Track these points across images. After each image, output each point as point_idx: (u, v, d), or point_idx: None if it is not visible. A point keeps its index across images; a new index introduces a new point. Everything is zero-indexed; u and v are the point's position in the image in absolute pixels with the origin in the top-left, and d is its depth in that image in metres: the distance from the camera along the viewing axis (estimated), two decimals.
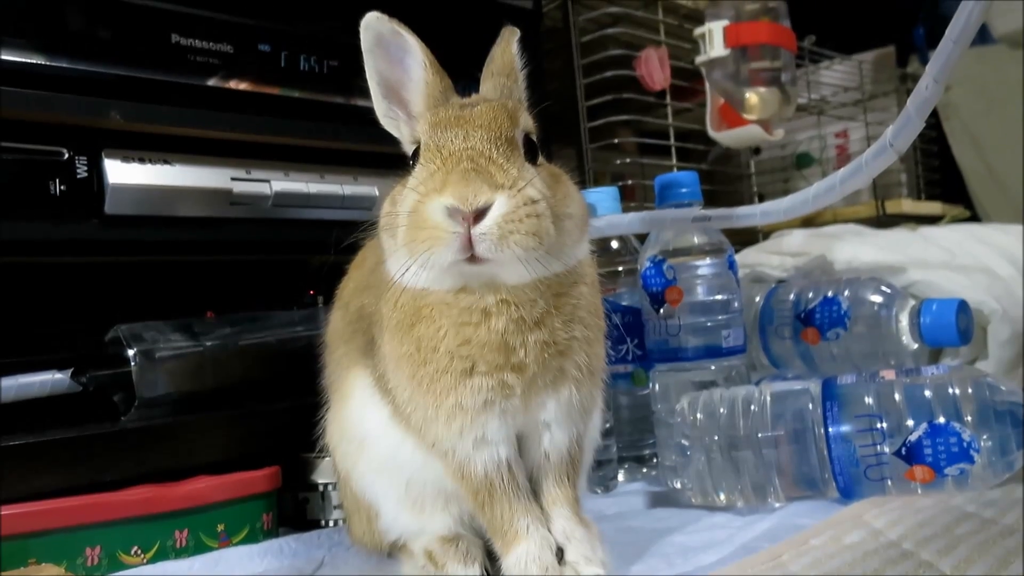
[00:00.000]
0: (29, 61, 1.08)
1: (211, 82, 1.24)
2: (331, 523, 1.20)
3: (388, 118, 0.91)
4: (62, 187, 1.09)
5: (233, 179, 1.23)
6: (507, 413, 0.84)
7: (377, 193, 1.37)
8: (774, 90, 1.89)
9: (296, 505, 1.23)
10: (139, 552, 1.03)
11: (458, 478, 0.87)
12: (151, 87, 1.18)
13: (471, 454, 0.85)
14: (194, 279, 1.37)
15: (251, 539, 1.11)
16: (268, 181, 1.27)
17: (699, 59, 1.92)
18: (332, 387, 1.02)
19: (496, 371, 0.82)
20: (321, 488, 1.21)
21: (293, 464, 1.21)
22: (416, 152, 0.82)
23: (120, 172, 1.13)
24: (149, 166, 1.16)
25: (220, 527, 1.10)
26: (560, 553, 0.85)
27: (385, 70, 0.89)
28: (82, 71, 1.12)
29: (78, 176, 1.10)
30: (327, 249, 1.03)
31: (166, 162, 1.18)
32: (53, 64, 1.10)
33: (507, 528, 0.85)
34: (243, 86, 1.28)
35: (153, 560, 1.04)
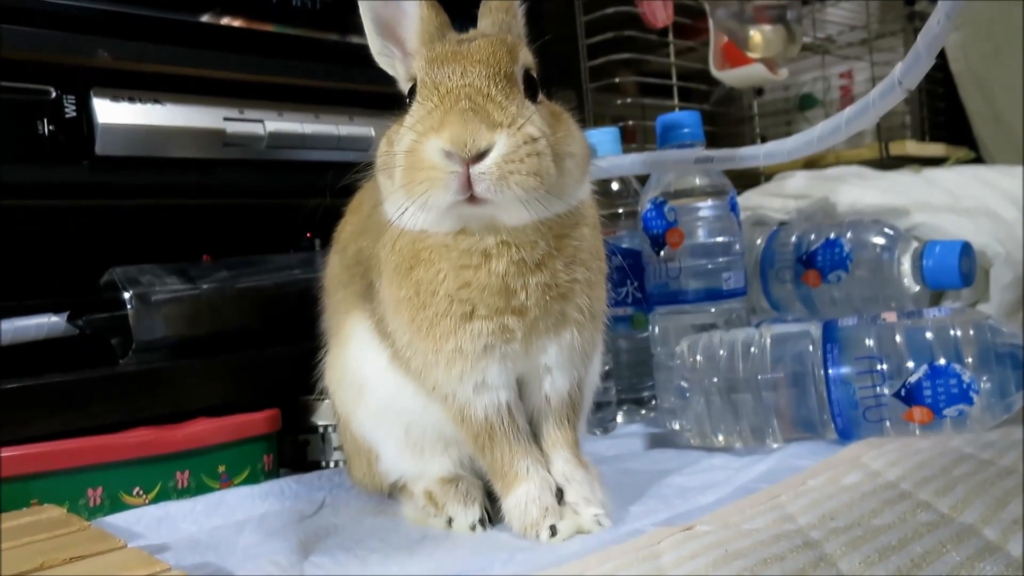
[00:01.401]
0: None
1: (202, 19, 1.21)
2: (331, 464, 1.21)
3: (383, 56, 0.88)
4: (50, 127, 1.07)
5: (226, 119, 1.21)
6: (507, 357, 0.84)
7: (373, 133, 1.35)
8: (779, 28, 1.84)
9: (297, 447, 1.24)
10: (141, 493, 1.04)
11: (458, 422, 0.87)
12: (140, 24, 1.15)
13: (471, 398, 0.85)
14: (189, 222, 1.35)
15: (252, 480, 1.12)
16: (262, 121, 1.24)
17: None
18: (331, 331, 1.02)
19: (496, 315, 0.82)
20: (321, 430, 1.21)
21: (293, 407, 1.22)
22: (413, 90, 0.80)
23: (110, 111, 1.11)
24: (139, 105, 1.13)
25: (221, 468, 1.10)
26: (560, 494, 0.86)
27: (379, 6, 0.86)
28: (68, 6, 1.09)
29: (66, 116, 1.08)
30: (323, 191, 1.01)
31: (157, 101, 1.15)
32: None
33: (507, 470, 0.86)
34: (235, 23, 1.25)
35: (155, 501, 1.04)
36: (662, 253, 1.24)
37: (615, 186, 1.38)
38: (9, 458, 0.96)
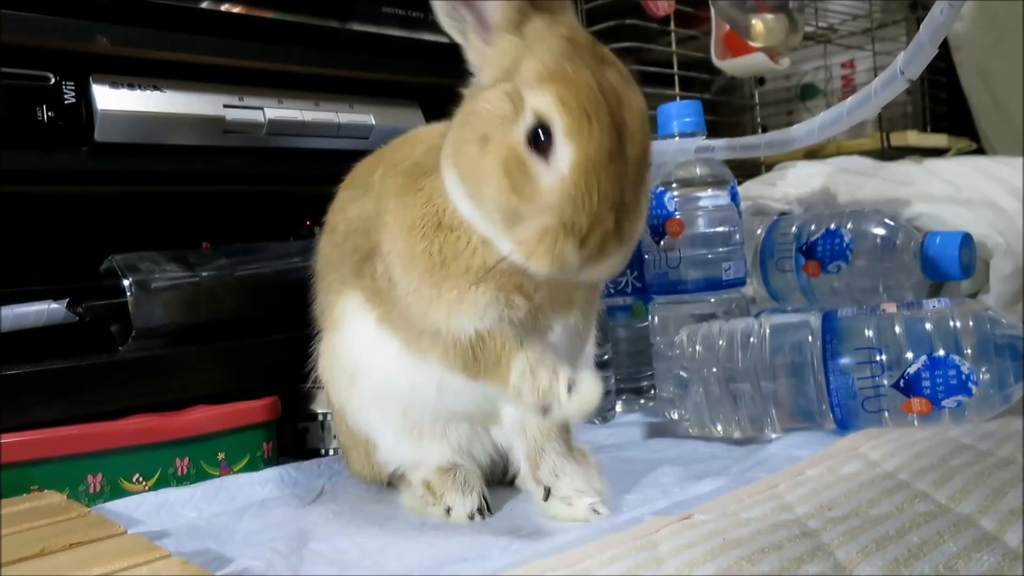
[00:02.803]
0: None
1: (202, 5, 1.20)
2: (331, 452, 1.21)
3: (451, 19, 0.81)
4: (49, 114, 1.06)
5: (226, 106, 1.21)
6: (505, 320, 0.83)
7: (373, 121, 1.34)
8: (781, 17, 1.83)
9: (296, 435, 1.24)
10: (141, 479, 1.04)
11: (448, 356, 0.84)
12: (140, 9, 1.14)
13: (463, 327, 0.82)
14: (189, 209, 1.35)
15: (252, 467, 1.13)
16: (262, 109, 1.24)
17: None
18: (322, 315, 1.01)
19: (505, 293, 0.81)
20: (320, 417, 1.22)
21: (292, 395, 1.22)
22: (545, 133, 0.73)
23: (109, 98, 1.10)
24: (139, 92, 1.13)
25: (221, 455, 1.11)
26: (547, 492, 0.86)
27: None
28: None
29: (65, 102, 1.07)
30: (323, 179, 1.01)
31: (156, 88, 1.14)
32: None
33: (501, 352, 0.82)
34: (235, 9, 1.24)
35: (155, 487, 1.05)
36: (662, 242, 1.24)
37: None
38: (9, 444, 0.96)
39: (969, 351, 0.97)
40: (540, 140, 0.73)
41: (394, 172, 0.88)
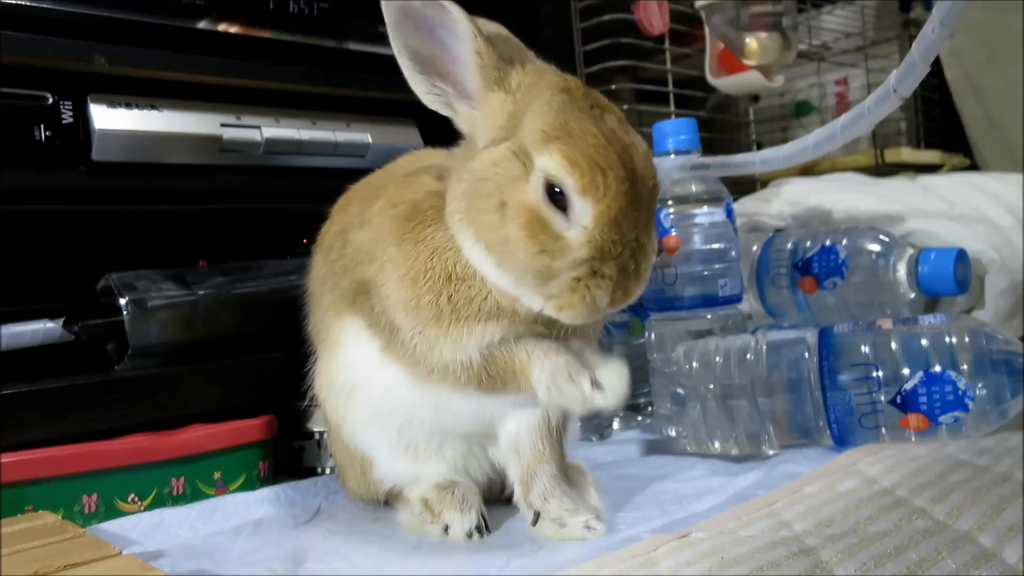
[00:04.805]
0: (9, 1, 1.05)
1: (199, 25, 1.21)
2: (327, 471, 1.21)
3: (433, 96, 0.82)
4: (47, 133, 1.07)
5: (223, 125, 1.21)
6: (510, 338, 0.84)
7: (370, 140, 1.35)
8: (775, 35, 1.85)
9: (292, 453, 1.23)
10: (136, 499, 1.04)
11: (460, 382, 0.85)
12: (137, 29, 1.15)
13: (471, 356, 0.84)
14: (185, 228, 1.35)
15: (248, 487, 1.12)
16: (259, 127, 1.25)
17: (698, 3, 1.88)
18: (319, 336, 1.00)
19: (512, 326, 0.84)
20: (317, 436, 1.21)
21: (288, 413, 1.22)
22: (557, 193, 0.74)
23: (106, 117, 1.11)
24: (136, 111, 1.13)
25: (216, 475, 1.10)
26: (536, 516, 0.86)
27: (415, 43, 0.80)
28: (66, 12, 1.09)
29: (63, 122, 1.08)
30: (319, 198, 1.01)
31: (153, 107, 1.15)
32: (35, 4, 1.07)
33: (515, 367, 0.84)
34: (232, 29, 1.25)
35: (150, 507, 1.04)
36: (658, 259, 1.24)
37: None
38: (4, 464, 0.96)
39: (965, 367, 0.97)
40: (556, 194, 0.75)
41: (393, 214, 0.88)
